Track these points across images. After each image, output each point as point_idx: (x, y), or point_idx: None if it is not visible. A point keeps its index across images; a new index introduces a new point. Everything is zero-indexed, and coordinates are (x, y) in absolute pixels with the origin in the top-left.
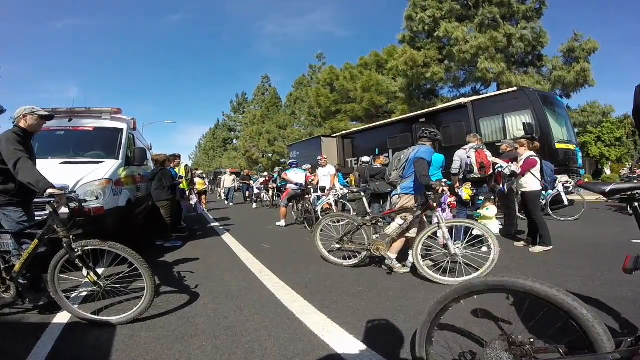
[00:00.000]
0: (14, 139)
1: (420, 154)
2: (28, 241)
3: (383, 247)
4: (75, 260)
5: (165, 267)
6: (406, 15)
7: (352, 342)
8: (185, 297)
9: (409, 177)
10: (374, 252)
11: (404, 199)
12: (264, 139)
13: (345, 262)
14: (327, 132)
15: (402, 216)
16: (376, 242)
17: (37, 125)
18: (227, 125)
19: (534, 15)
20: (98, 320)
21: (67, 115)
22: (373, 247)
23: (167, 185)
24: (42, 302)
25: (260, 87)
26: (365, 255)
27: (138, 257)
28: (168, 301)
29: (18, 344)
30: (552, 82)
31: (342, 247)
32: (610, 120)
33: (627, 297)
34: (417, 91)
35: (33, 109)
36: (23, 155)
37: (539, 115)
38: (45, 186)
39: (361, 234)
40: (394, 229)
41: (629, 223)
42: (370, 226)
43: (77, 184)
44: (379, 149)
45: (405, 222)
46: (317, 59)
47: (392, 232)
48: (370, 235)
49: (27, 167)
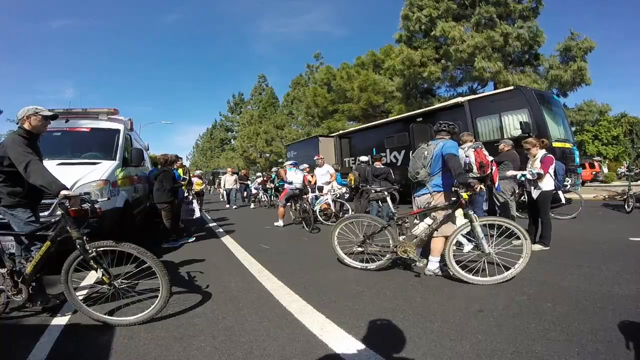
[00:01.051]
0: (21, 142)
1: (448, 149)
2: (37, 243)
3: (411, 249)
4: (90, 262)
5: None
6: (403, 15)
7: (351, 342)
8: (183, 297)
9: (437, 174)
10: (400, 254)
11: (436, 197)
12: (261, 139)
13: (370, 265)
14: (324, 132)
15: (432, 215)
16: (403, 244)
17: (42, 126)
18: (224, 125)
19: (530, 15)
20: (113, 322)
21: (64, 116)
22: (400, 248)
23: (167, 187)
24: (51, 303)
25: (257, 87)
26: (389, 258)
27: (152, 257)
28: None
29: (17, 346)
30: (548, 81)
31: (364, 250)
32: (607, 118)
33: (625, 295)
34: (414, 90)
35: (36, 110)
36: (33, 158)
37: (536, 114)
38: (59, 188)
39: (383, 235)
40: (423, 229)
41: (627, 221)
42: (396, 227)
43: (74, 185)
44: (377, 148)
45: (435, 221)
46: (315, 58)
47: (421, 232)
48: (397, 237)
49: (38, 170)
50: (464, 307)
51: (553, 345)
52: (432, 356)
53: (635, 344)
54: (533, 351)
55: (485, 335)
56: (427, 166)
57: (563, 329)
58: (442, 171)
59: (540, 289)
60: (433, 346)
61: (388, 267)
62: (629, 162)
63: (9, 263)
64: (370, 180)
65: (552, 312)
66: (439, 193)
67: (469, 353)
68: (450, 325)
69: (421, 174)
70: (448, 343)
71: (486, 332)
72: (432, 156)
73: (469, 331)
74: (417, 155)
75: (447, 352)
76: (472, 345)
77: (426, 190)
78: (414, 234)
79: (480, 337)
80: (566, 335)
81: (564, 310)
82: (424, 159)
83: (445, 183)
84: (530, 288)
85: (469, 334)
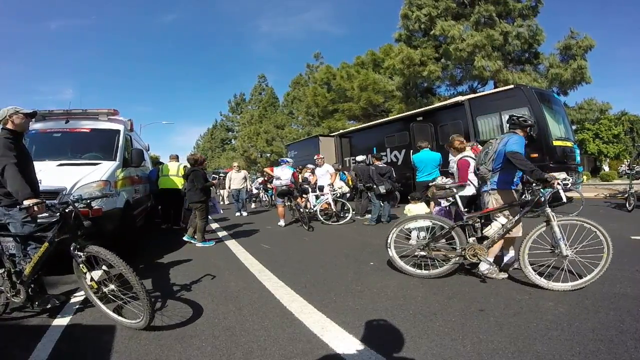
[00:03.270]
0: (4, 144)
1: (511, 146)
2: (34, 244)
3: (482, 252)
4: (80, 265)
5: (164, 268)
6: (402, 14)
7: (352, 342)
8: (184, 297)
9: (498, 171)
10: (469, 258)
11: (495, 195)
12: (261, 138)
13: (434, 271)
14: (324, 132)
15: (505, 214)
16: (473, 246)
17: (25, 123)
18: (225, 125)
19: (530, 13)
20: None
21: (64, 117)
22: (469, 252)
23: (200, 187)
24: (50, 305)
25: (257, 87)
26: (456, 262)
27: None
28: (167, 302)
29: (18, 347)
30: (548, 80)
31: (427, 255)
32: (607, 117)
33: (627, 294)
34: (414, 90)
35: (16, 109)
36: (9, 162)
37: (536, 113)
38: (24, 197)
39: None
40: (496, 229)
41: (628, 220)
42: (464, 229)
43: (74, 186)
44: (377, 147)
45: (509, 221)
46: (315, 58)
47: (494, 233)
48: (465, 239)
49: (10, 176)
50: (464, 307)
51: (554, 345)
52: (433, 356)
53: (636, 343)
54: (534, 350)
55: (486, 334)
56: (489, 162)
57: (564, 328)
58: (503, 168)
59: (541, 288)
60: (434, 346)
61: (393, 267)
62: (630, 160)
63: (8, 264)
64: (376, 179)
65: (553, 311)
66: (498, 191)
67: (470, 352)
68: (451, 325)
69: (482, 171)
70: (449, 342)
71: (487, 332)
72: (495, 152)
73: (470, 330)
74: (483, 150)
75: (448, 351)
76: (473, 344)
77: (487, 187)
78: (485, 234)
79: (481, 337)
80: (567, 334)
81: (565, 310)
82: (486, 155)
83: (506, 180)
84: (531, 287)
85: (470, 334)
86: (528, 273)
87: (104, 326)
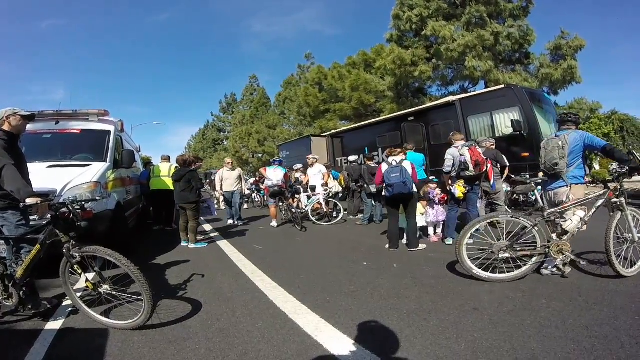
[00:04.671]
0: (1, 145)
1: (598, 140)
2: (26, 246)
3: (567, 247)
4: (74, 266)
5: (157, 270)
6: (393, 14)
7: (346, 342)
8: (177, 300)
9: (573, 165)
10: (555, 255)
11: (575, 189)
12: (253, 139)
13: (512, 274)
14: (316, 132)
15: (583, 208)
16: (557, 242)
17: (22, 125)
18: (216, 125)
19: (520, 14)
20: (111, 325)
21: (54, 118)
22: (554, 248)
23: (197, 187)
24: (42, 308)
25: (248, 87)
26: (537, 261)
27: (134, 269)
28: (160, 305)
29: (11, 351)
30: (539, 80)
31: (511, 256)
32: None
33: (620, 291)
34: (405, 90)
35: (14, 110)
36: (7, 162)
37: (527, 112)
38: (26, 195)
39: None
40: (576, 222)
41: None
42: (547, 224)
43: (65, 188)
44: (369, 147)
45: (587, 214)
46: (306, 58)
47: (574, 227)
48: (546, 236)
49: (9, 175)
50: (458, 305)
51: (549, 342)
52: (428, 355)
53: (631, 340)
54: (529, 348)
55: (481, 333)
56: (566, 156)
57: (558, 325)
58: (576, 163)
59: (535, 286)
60: (428, 345)
61: (384, 266)
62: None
63: (0, 267)
64: (367, 179)
65: (547, 308)
66: (577, 185)
67: (465, 351)
68: (445, 324)
69: (560, 165)
70: (444, 342)
71: (481, 330)
72: (570, 146)
73: (464, 329)
74: (550, 146)
75: (442, 350)
76: (468, 343)
77: (562, 182)
78: (565, 229)
79: (475, 335)
80: (562, 331)
81: (559, 307)
82: (560, 149)
83: (580, 175)
84: (524, 285)
85: (465, 332)
86: (614, 263)
87: (97, 329)
